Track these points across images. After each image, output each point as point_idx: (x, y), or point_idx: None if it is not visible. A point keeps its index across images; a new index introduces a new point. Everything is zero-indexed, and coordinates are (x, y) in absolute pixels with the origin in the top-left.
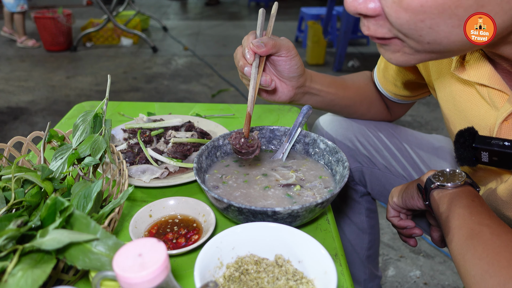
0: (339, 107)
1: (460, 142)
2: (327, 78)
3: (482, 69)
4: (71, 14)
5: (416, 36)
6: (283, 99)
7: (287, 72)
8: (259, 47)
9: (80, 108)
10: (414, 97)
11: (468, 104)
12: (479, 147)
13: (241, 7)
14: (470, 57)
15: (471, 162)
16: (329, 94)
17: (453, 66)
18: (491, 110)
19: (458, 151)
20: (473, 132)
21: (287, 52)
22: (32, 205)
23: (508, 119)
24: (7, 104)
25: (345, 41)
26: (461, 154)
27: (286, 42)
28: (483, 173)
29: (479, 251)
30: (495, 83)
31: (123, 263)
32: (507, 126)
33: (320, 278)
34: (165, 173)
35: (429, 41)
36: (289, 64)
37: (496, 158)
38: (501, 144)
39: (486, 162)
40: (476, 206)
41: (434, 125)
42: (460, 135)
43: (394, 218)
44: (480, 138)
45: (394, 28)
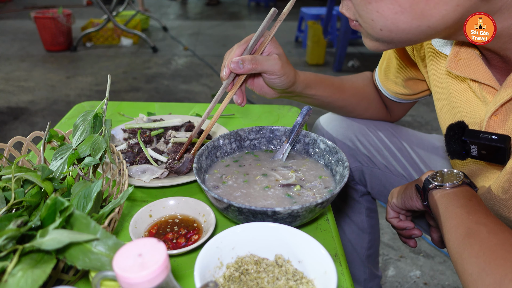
0: (332, 107)
1: (450, 135)
2: (324, 82)
3: (474, 65)
4: (71, 14)
5: (368, 21)
6: (268, 97)
7: (270, 86)
8: (236, 68)
9: (80, 108)
10: (414, 96)
11: (461, 99)
12: (468, 140)
13: (241, 7)
14: (463, 53)
15: (461, 156)
16: (323, 97)
17: (446, 62)
18: (482, 105)
19: (448, 144)
20: (463, 126)
21: (270, 74)
22: (32, 205)
23: (497, 113)
24: (7, 104)
25: (345, 41)
26: (451, 147)
27: (272, 65)
28: (477, 170)
29: (476, 249)
30: (486, 78)
31: (123, 263)
32: (495, 121)
33: (320, 278)
34: (165, 173)
35: (381, 28)
36: (271, 82)
37: (484, 152)
38: (489, 137)
39: (475, 156)
40: (473, 205)
41: (434, 125)
42: (450, 129)
43: (394, 219)
44: (469, 131)
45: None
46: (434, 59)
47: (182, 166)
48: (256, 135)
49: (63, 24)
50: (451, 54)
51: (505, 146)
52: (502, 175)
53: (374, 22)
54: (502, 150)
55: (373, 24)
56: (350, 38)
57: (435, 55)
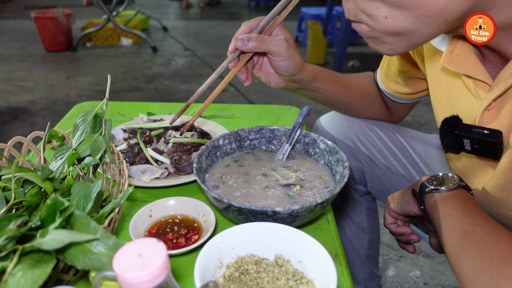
0: (336, 103)
1: (444, 129)
2: (330, 76)
3: (468, 61)
4: (71, 14)
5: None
6: (273, 85)
7: (277, 69)
8: (241, 45)
9: (80, 108)
10: (415, 95)
11: (456, 95)
12: (461, 134)
13: (241, 7)
14: (457, 49)
15: (455, 150)
16: (328, 91)
17: (442, 58)
18: (476, 101)
19: (442, 138)
20: (457, 120)
21: (276, 52)
22: (32, 205)
23: (490, 108)
24: (7, 104)
25: (345, 41)
26: (445, 141)
27: (278, 45)
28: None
29: (472, 249)
30: (479, 74)
31: (123, 263)
32: (488, 116)
33: (320, 278)
34: (165, 173)
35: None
36: (277, 65)
37: (477, 146)
38: (481, 132)
39: (469, 150)
40: (469, 207)
41: (434, 125)
42: (444, 122)
43: (392, 225)
44: (462, 125)
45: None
46: (432, 56)
47: (188, 166)
48: (256, 135)
49: (63, 24)
50: (446, 50)
51: (496, 141)
52: (498, 171)
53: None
54: (494, 144)
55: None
56: (350, 38)
57: (434, 53)
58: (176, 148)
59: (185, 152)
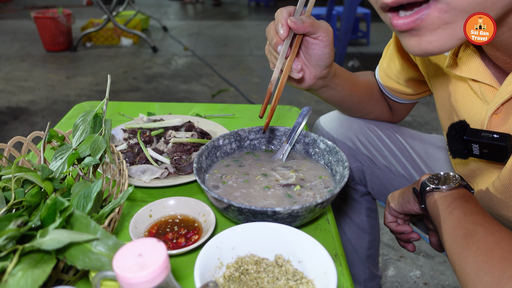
0: (348, 103)
1: (452, 135)
2: (345, 73)
3: (473, 65)
4: (71, 14)
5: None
6: (301, 86)
7: (317, 58)
8: (296, 23)
9: (80, 108)
10: (416, 96)
11: (462, 99)
12: (470, 139)
13: (241, 7)
14: (462, 53)
15: (463, 155)
16: (344, 89)
17: (446, 63)
18: (483, 105)
19: (450, 143)
20: (464, 125)
21: (324, 35)
22: (32, 205)
23: (498, 112)
24: (7, 104)
25: (345, 41)
26: (453, 146)
27: (326, 26)
28: (479, 169)
29: (473, 249)
30: (485, 77)
31: (123, 263)
32: (496, 120)
33: (320, 278)
34: (165, 173)
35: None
36: (322, 51)
37: (486, 151)
38: (491, 136)
39: (477, 155)
40: (470, 206)
41: (434, 125)
42: (452, 128)
43: (392, 224)
44: (470, 130)
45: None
46: (435, 60)
47: (188, 166)
48: (256, 135)
49: (63, 24)
50: (450, 54)
51: (507, 144)
52: (503, 172)
53: None
54: (503, 148)
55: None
56: (350, 38)
57: (437, 56)
58: (176, 148)
59: (185, 152)
